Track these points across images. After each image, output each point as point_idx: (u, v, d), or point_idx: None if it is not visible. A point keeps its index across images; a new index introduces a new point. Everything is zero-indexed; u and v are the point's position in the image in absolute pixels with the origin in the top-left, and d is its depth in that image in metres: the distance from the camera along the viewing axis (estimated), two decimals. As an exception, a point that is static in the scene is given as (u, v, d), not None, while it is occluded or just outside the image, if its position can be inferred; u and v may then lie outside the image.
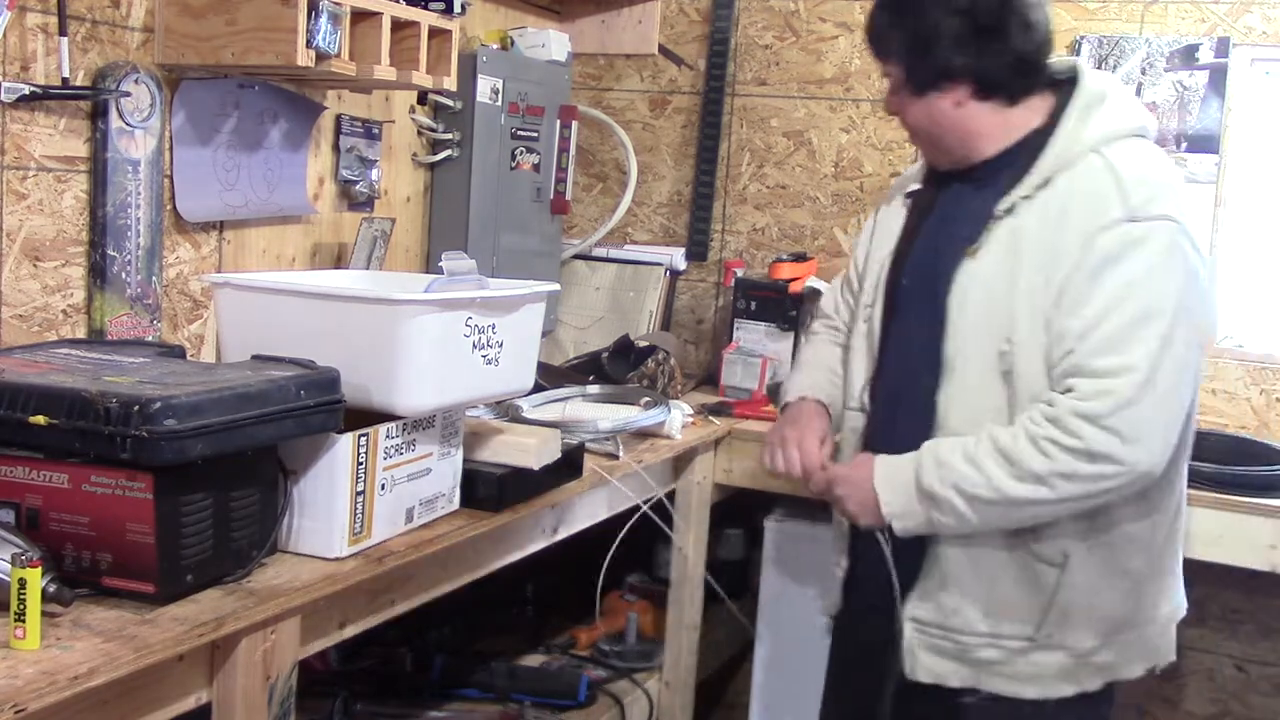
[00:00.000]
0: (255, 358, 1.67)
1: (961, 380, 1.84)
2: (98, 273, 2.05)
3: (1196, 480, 2.39)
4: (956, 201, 1.91)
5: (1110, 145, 1.80)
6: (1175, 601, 1.98)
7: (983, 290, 1.82)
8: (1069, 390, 1.73)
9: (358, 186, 2.64)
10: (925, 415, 1.86)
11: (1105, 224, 1.74)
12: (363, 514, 1.67)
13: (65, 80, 1.93)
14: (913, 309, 1.93)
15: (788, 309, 3.02)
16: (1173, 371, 1.72)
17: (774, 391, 2.91)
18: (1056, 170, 1.80)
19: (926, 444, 1.83)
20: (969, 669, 1.89)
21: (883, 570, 1.92)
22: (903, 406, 1.93)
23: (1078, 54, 2.92)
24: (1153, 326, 1.71)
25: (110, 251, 2.05)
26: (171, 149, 2.16)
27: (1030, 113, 1.86)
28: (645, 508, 2.29)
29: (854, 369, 2.04)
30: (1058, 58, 1.89)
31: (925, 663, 1.91)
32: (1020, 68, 1.83)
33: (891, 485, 1.84)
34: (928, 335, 1.87)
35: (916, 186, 2.02)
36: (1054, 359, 1.76)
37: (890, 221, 2.05)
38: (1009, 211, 1.81)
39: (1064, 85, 1.87)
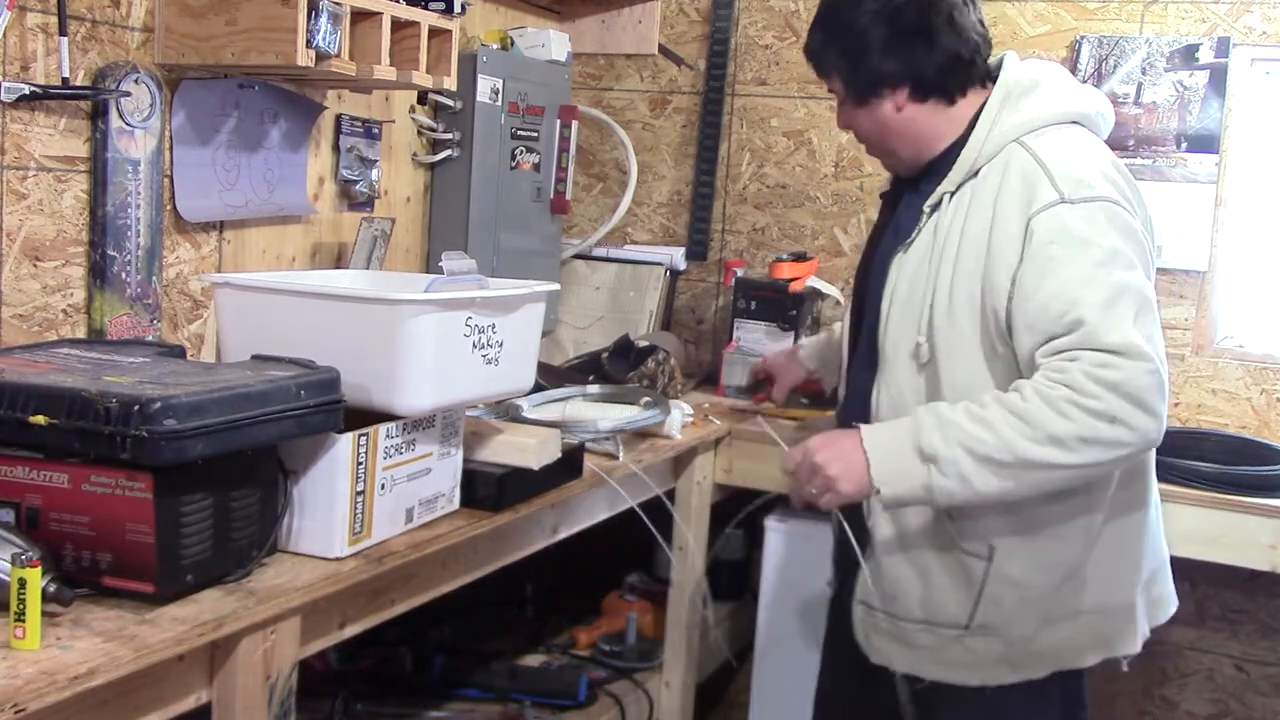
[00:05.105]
0: (255, 358, 1.67)
1: (887, 373, 1.88)
2: (98, 273, 2.05)
3: (1196, 480, 2.41)
4: (906, 202, 1.95)
5: (1034, 134, 1.81)
6: (1151, 594, 1.95)
7: (908, 284, 1.86)
8: (1074, 360, 1.68)
9: (358, 186, 2.64)
10: (864, 409, 1.91)
11: (1042, 205, 1.73)
12: (363, 514, 1.67)
13: (65, 80, 1.93)
14: (867, 307, 1.97)
15: (788, 309, 3.01)
16: (1159, 344, 1.71)
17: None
18: (979, 163, 1.82)
19: (919, 407, 1.77)
20: (911, 653, 1.90)
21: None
22: (851, 402, 1.99)
23: (1078, 54, 2.93)
24: (1127, 300, 1.69)
25: (110, 251, 2.05)
26: (171, 149, 2.16)
27: (970, 110, 1.88)
28: (638, 509, 2.29)
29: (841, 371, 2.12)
30: (1000, 54, 1.93)
31: (876, 645, 1.94)
32: (953, 67, 1.85)
33: (882, 448, 1.74)
34: (870, 331, 1.93)
35: (885, 189, 2.10)
36: (1028, 345, 1.72)
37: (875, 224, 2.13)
38: (936, 207, 1.85)
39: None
